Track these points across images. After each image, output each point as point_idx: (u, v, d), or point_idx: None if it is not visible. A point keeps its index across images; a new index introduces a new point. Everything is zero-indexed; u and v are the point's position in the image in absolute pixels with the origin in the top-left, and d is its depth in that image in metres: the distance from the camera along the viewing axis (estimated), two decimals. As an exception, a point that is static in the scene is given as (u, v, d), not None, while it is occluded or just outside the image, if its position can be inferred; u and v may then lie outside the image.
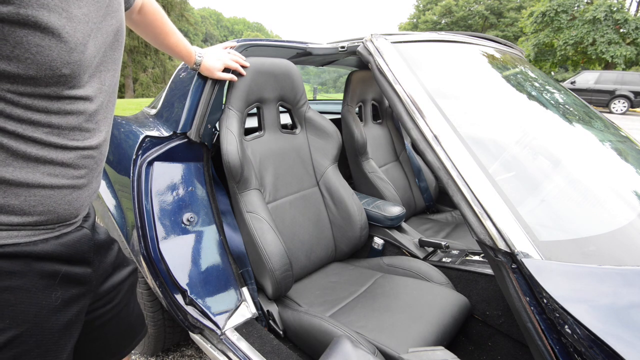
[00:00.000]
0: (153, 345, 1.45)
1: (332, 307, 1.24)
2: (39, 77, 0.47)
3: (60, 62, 0.48)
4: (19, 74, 0.46)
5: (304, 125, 1.54)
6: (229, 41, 1.31)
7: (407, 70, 0.91)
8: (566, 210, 0.86)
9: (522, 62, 1.48)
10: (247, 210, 1.25)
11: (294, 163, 1.48)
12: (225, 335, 1.11)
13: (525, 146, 1.01)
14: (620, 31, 17.16)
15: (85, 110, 0.56)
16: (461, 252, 1.49)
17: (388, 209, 1.60)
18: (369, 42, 0.97)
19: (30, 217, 0.53)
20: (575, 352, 0.58)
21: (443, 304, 1.18)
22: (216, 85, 1.25)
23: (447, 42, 1.20)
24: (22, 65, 0.46)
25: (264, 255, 1.20)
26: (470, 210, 0.72)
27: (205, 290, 1.16)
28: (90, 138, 0.58)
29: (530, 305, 0.63)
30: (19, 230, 0.52)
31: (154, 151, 1.18)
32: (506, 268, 0.67)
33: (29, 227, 0.53)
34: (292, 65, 1.44)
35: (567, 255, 0.67)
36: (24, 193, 0.51)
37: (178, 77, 1.36)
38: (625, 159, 1.15)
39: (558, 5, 18.19)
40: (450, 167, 0.76)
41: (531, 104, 1.26)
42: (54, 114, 0.52)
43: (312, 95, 3.86)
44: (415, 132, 0.83)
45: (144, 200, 1.12)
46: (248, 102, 1.33)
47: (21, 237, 0.53)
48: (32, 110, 0.49)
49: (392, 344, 1.01)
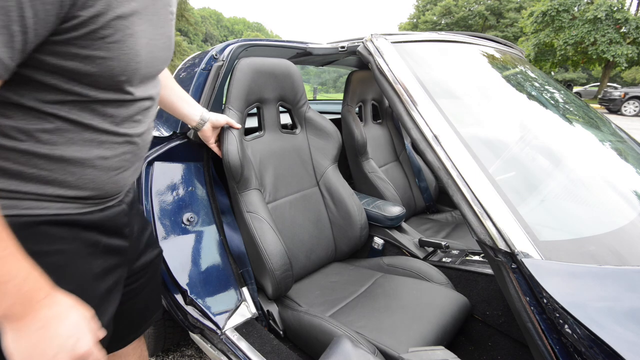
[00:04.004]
0: (153, 345, 1.45)
1: (332, 307, 1.24)
2: (105, 77, 0.55)
3: (120, 70, 0.55)
4: (92, 73, 0.53)
5: (304, 125, 1.54)
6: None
7: (407, 70, 0.91)
8: (566, 210, 0.86)
9: (522, 62, 1.48)
10: (247, 210, 1.25)
11: (294, 163, 1.48)
12: (225, 335, 1.11)
13: (525, 146, 1.01)
14: (620, 31, 17.15)
15: (138, 105, 0.64)
16: (461, 252, 1.49)
17: (388, 209, 1.60)
18: (369, 42, 0.97)
19: (83, 191, 0.60)
20: (575, 352, 0.58)
21: (443, 304, 1.17)
22: (216, 85, 1.25)
23: (447, 42, 1.20)
24: (95, 65, 0.53)
25: (264, 255, 1.20)
26: (470, 210, 0.72)
27: (205, 290, 1.16)
28: (136, 127, 0.65)
29: (530, 305, 0.63)
30: (71, 202, 0.60)
31: (154, 151, 1.18)
32: (506, 268, 0.67)
33: (80, 200, 0.61)
34: (292, 66, 1.44)
35: (567, 255, 0.67)
36: (79, 172, 0.58)
37: (178, 77, 1.36)
38: (625, 159, 1.15)
39: (559, 5, 18.18)
40: (450, 167, 0.76)
41: (531, 104, 1.26)
42: (111, 106, 0.59)
43: (312, 95, 3.86)
44: (415, 132, 0.83)
45: (144, 200, 1.12)
46: (248, 102, 1.33)
47: (72, 208, 0.60)
48: (95, 103, 0.57)
49: (392, 344, 1.01)
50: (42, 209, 0.57)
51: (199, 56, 1.32)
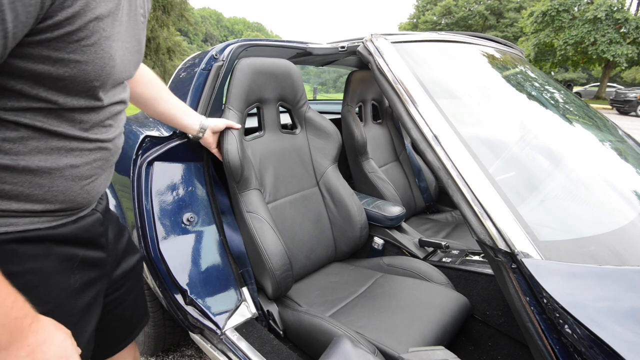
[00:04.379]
0: (153, 345, 1.45)
1: (332, 307, 1.24)
2: (77, 82, 0.51)
3: (94, 75, 0.52)
4: (64, 77, 0.49)
5: (304, 126, 1.54)
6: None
7: (407, 70, 0.91)
8: (566, 210, 0.86)
9: (522, 62, 1.48)
10: (247, 210, 1.25)
11: (294, 163, 1.48)
12: (225, 335, 1.11)
13: (525, 146, 1.01)
14: (620, 31, 17.16)
15: (109, 110, 0.61)
16: (461, 252, 1.49)
17: (388, 209, 1.60)
18: (369, 42, 0.97)
19: (52, 205, 0.56)
20: (575, 352, 0.58)
21: (443, 304, 1.18)
22: (216, 85, 1.25)
23: (447, 42, 1.20)
24: (68, 70, 0.49)
25: (264, 255, 1.20)
26: (470, 210, 0.72)
27: (205, 290, 1.16)
28: (106, 132, 0.62)
29: (530, 305, 0.63)
30: (40, 217, 0.56)
31: (154, 151, 1.18)
32: (506, 268, 0.67)
33: (49, 213, 0.57)
34: (292, 66, 1.44)
35: (567, 255, 0.67)
36: (47, 183, 0.54)
37: (178, 77, 1.36)
38: (625, 159, 1.15)
39: (559, 5, 18.19)
40: (450, 167, 0.76)
41: (531, 104, 1.26)
42: (80, 112, 0.56)
43: (312, 95, 3.86)
44: (415, 132, 0.83)
45: (144, 200, 1.12)
46: (248, 102, 1.33)
47: (42, 222, 0.56)
48: (64, 110, 0.53)
49: (392, 344, 1.01)
50: (7, 225, 0.52)
51: (199, 56, 1.32)
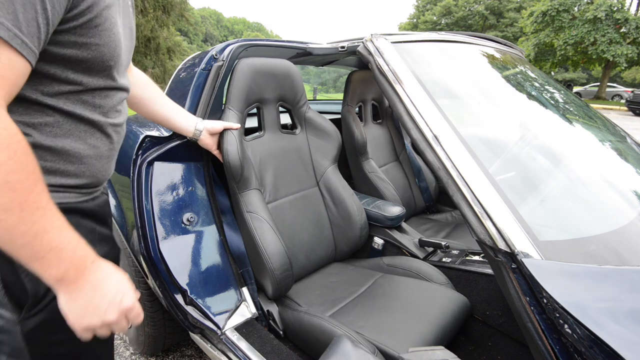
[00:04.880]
0: (153, 345, 1.45)
1: (332, 307, 1.24)
2: (97, 62, 0.59)
3: (109, 55, 0.61)
4: (87, 59, 0.58)
5: (304, 126, 1.54)
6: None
7: (407, 70, 0.91)
8: (566, 210, 0.86)
9: (522, 62, 1.48)
10: (247, 210, 1.25)
11: (294, 163, 1.48)
12: (225, 335, 1.11)
13: (525, 146, 1.01)
14: (620, 31, 17.16)
15: (119, 95, 0.69)
16: (461, 252, 1.49)
17: (388, 209, 1.60)
18: (369, 42, 0.97)
19: (80, 179, 0.64)
20: (575, 352, 0.58)
21: (443, 304, 1.18)
22: (216, 85, 1.25)
23: (447, 42, 1.20)
24: (91, 52, 0.57)
25: (264, 255, 1.20)
26: (470, 210, 0.72)
27: (205, 290, 1.16)
28: (118, 117, 0.70)
29: (530, 305, 0.63)
30: (70, 192, 0.64)
31: (154, 151, 1.18)
32: (506, 268, 0.67)
33: (77, 189, 0.65)
34: (292, 66, 1.44)
35: (567, 255, 0.67)
36: (77, 161, 0.63)
37: (178, 77, 1.36)
38: (625, 159, 1.15)
39: (559, 5, 18.19)
40: (450, 167, 0.76)
41: (531, 104, 1.26)
42: (99, 95, 0.64)
43: (312, 95, 3.85)
44: (415, 132, 0.83)
45: (144, 200, 1.12)
46: (248, 102, 1.33)
47: (72, 197, 0.64)
48: (86, 93, 0.61)
49: (392, 344, 1.01)
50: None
51: (199, 56, 1.32)
